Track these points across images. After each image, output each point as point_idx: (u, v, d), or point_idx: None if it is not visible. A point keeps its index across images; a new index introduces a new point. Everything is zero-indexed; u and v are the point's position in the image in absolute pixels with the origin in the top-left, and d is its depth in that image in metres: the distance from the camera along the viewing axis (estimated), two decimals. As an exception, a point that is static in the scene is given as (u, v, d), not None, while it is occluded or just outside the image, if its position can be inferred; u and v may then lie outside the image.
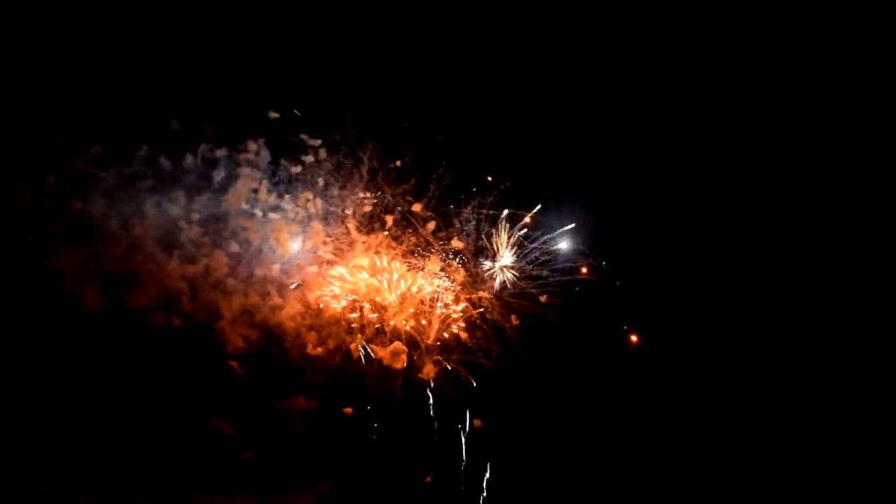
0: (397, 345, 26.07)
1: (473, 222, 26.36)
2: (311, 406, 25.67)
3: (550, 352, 27.33)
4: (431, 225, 25.92)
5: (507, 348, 27.20)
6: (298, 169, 24.44)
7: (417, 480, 26.78)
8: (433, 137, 25.25)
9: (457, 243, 26.21)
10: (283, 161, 24.40)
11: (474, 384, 26.94)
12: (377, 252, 25.86)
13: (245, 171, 23.92)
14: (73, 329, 22.40)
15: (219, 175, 23.77)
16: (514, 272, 27.00)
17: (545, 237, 26.98)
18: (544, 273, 27.11)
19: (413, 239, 26.18)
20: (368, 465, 26.38)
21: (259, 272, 24.07)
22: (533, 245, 26.99)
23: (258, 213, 24.12)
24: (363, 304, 26.04)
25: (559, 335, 27.32)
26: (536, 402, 27.38)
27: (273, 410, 25.23)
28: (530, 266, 27.06)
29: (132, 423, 23.39)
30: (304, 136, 24.42)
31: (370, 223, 25.76)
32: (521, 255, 27.06)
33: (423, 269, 26.50)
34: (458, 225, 26.30)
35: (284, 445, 25.54)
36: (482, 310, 27.00)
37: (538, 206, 26.76)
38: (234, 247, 23.88)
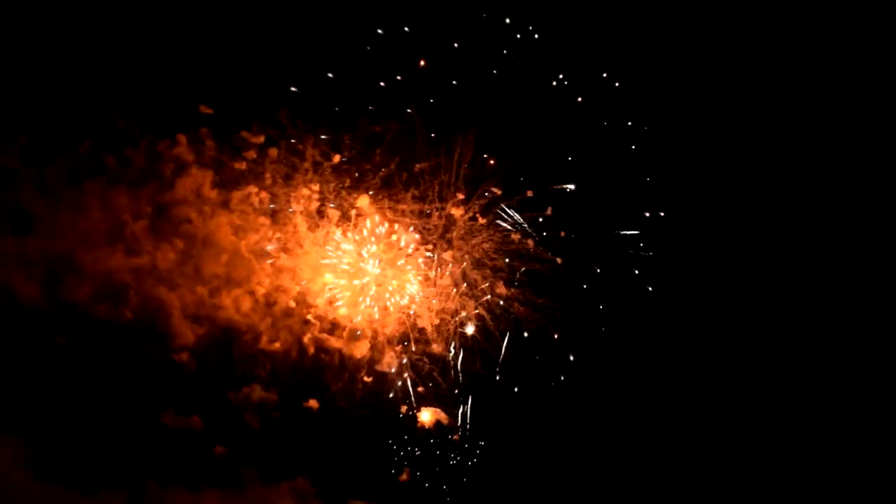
0: (354, 327, 26.14)
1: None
2: (270, 399, 25.92)
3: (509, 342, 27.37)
4: (374, 218, 26.09)
5: (463, 339, 27.33)
6: (243, 165, 24.59)
7: (393, 476, 27.06)
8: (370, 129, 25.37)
9: (406, 235, 26.27)
10: (226, 156, 24.68)
11: (435, 373, 27.18)
12: (324, 246, 26.03)
13: (190, 165, 24.27)
14: (16, 323, 22.85)
15: (162, 170, 24.21)
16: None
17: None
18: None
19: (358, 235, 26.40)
20: (343, 459, 26.62)
21: (206, 266, 24.35)
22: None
23: (204, 207, 24.43)
24: (316, 298, 26.20)
25: (515, 326, 27.30)
26: (499, 395, 27.56)
27: (233, 404, 25.56)
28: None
29: (92, 418, 23.79)
30: (245, 133, 24.62)
31: (317, 218, 26.03)
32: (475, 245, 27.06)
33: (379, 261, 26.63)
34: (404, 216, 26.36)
35: (255, 439, 25.84)
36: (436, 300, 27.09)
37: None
38: (181, 240, 24.34)
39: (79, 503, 23.40)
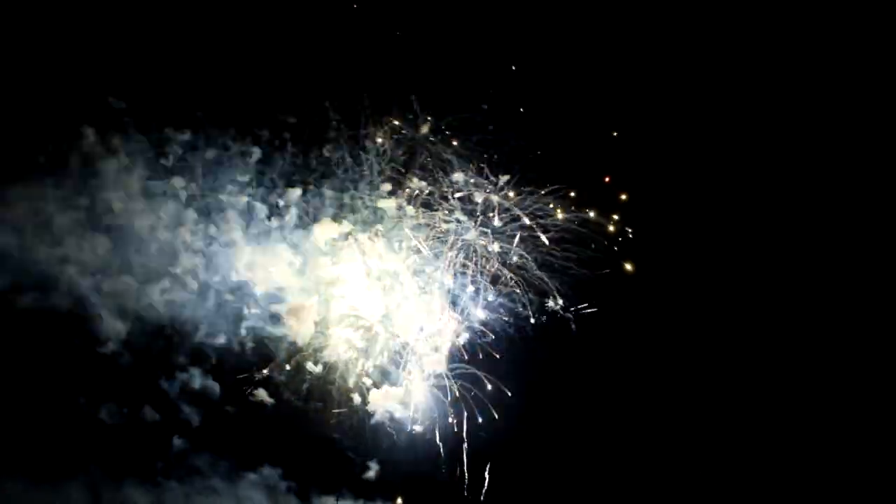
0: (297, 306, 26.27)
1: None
2: (213, 391, 26.14)
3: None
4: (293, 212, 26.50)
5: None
6: (169, 161, 25.00)
7: (359, 469, 27.08)
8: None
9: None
10: (151, 149, 25.11)
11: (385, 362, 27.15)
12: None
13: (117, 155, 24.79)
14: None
15: (85, 161, 24.60)
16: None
17: None
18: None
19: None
20: (305, 452, 26.75)
21: (135, 259, 24.75)
22: None
23: (129, 199, 24.86)
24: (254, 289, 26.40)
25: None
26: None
27: (171, 396, 25.84)
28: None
29: (26, 413, 24.14)
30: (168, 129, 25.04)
31: (250, 212, 26.35)
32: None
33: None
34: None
35: (209, 431, 26.08)
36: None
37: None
38: (107, 232, 24.76)
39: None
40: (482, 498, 26.87)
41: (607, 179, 27.50)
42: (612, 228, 27.45)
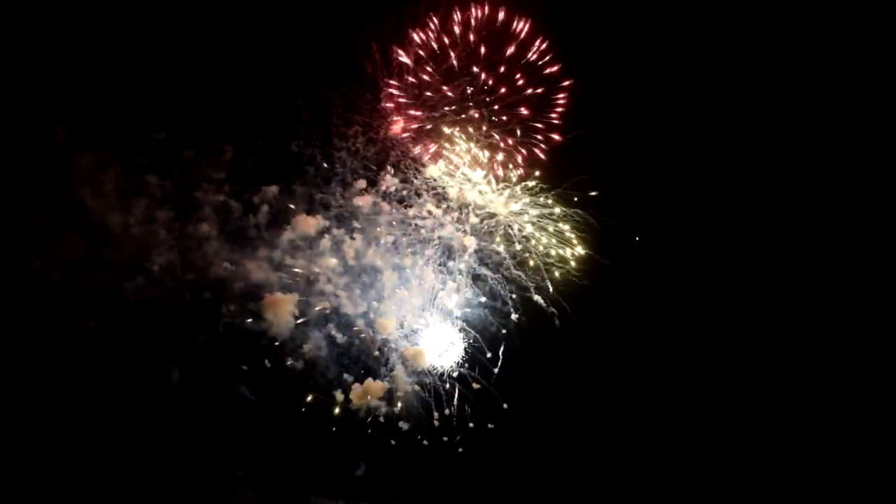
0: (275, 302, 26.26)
1: None
2: (192, 387, 26.23)
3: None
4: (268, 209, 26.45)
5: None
6: (145, 160, 25.18)
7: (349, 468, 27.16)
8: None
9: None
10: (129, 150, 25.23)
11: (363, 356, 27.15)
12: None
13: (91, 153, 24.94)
14: None
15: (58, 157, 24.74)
16: None
17: None
18: None
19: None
20: (295, 451, 26.85)
21: (109, 256, 24.92)
22: None
23: (106, 198, 24.98)
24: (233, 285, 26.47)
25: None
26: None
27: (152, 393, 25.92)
28: None
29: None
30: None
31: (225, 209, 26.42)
32: None
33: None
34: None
35: (194, 430, 26.18)
36: None
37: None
38: (81, 229, 24.85)
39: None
40: (472, 493, 27.01)
41: (591, 175, 27.18)
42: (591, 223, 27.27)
